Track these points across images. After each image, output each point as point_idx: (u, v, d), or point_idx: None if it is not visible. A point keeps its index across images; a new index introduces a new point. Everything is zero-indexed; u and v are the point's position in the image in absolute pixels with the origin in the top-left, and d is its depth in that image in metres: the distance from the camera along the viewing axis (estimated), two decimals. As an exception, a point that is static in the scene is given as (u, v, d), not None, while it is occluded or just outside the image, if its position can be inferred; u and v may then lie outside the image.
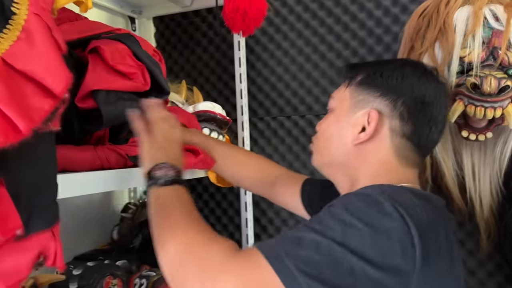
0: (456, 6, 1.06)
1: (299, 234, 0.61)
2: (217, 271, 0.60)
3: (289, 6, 1.40)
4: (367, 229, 0.58)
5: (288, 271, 0.57)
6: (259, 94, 1.46)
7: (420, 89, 0.77)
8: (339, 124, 0.82)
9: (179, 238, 0.65)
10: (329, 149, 0.84)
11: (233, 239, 0.72)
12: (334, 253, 0.57)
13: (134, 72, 0.81)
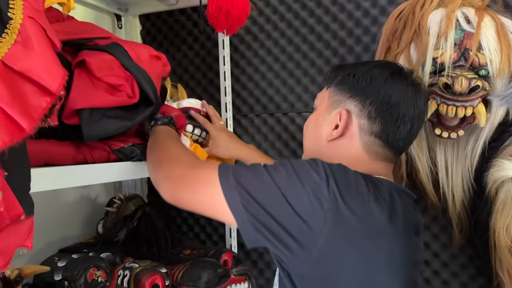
0: (430, 8, 1.11)
1: (256, 168, 0.75)
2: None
3: (273, 6, 1.43)
4: (293, 172, 0.71)
5: (229, 184, 0.72)
6: (243, 92, 1.49)
7: (386, 91, 0.82)
8: (317, 122, 0.89)
9: (167, 163, 0.82)
10: (309, 145, 0.91)
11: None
12: (264, 178, 0.71)
13: (122, 84, 0.82)
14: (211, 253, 1.27)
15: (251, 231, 0.70)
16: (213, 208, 0.74)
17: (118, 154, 0.89)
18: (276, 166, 0.74)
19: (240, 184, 0.71)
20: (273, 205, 0.69)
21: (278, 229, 0.69)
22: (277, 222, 0.69)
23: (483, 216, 1.11)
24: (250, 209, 0.70)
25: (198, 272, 1.16)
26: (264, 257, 1.48)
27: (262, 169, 0.73)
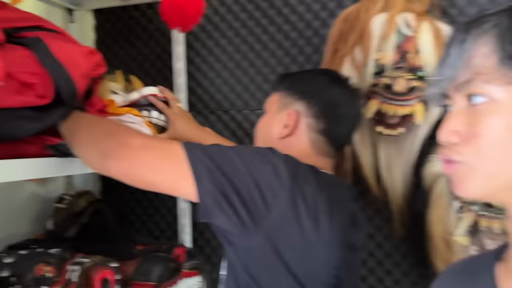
0: (374, 13, 1.18)
1: (218, 145, 0.79)
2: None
3: (227, 6, 1.46)
4: (255, 153, 0.78)
5: (196, 156, 0.74)
6: (198, 89, 1.51)
7: (329, 93, 0.93)
8: (269, 123, 0.98)
9: (121, 132, 0.80)
10: (262, 143, 0.99)
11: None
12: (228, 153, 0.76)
13: (35, 82, 0.77)
14: (163, 248, 1.28)
15: (209, 203, 0.73)
16: (173, 180, 0.75)
17: (53, 150, 0.86)
18: (239, 147, 0.82)
19: (208, 157, 0.74)
20: (237, 177, 0.73)
21: (237, 201, 0.73)
22: (237, 194, 0.73)
23: (421, 208, 1.19)
24: (214, 181, 0.73)
25: (150, 266, 1.18)
26: (217, 252, 1.51)
27: (227, 148, 0.78)
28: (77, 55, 0.84)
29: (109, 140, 0.78)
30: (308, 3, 1.38)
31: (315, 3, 1.37)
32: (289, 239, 0.75)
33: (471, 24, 0.53)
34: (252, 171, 0.74)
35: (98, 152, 0.78)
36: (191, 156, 0.74)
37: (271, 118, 0.97)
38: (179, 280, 1.23)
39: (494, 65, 0.50)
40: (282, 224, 0.74)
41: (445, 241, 1.17)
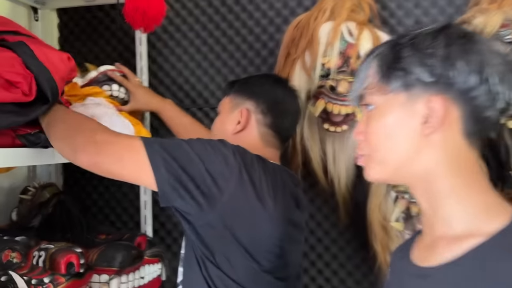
0: (321, 21, 1.30)
1: (174, 139, 0.93)
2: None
3: (188, 9, 1.55)
4: (207, 145, 0.89)
5: (154, 149, 0.84)
6: (160, 87, 1.59)
7: (273, 92, 1.07)
8: (223, 121, 1.10)
9: (88, 129, 0.90)
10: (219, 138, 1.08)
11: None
12: (184, 147, 0.87)
13: (19, 81, 0.84)
14: (125, 237, 1.35)
15: (168, 190, 0.85)
16: (135, 170, 0.86)
17: (23, 140, 0.93)
18: (193, 140, 0.91)
19: (164, 150, 0.86)
20: (191, 167, 0.85)
21: (192, 187, 0.85)
22: (192, 181, 0.85)
23: (362, 198, 1.33)
24: (170, 170, 0.84)
25: (113, 253, 1.25)
26: (177, 242, 1.59)
27: (182, 141, 0.89)
28: (56, 59, 0.93)
29: (79, 135, 0.88)
30: (264, 10, 1.49)
31: (270, 10, 1.49)
32: (238, 216, 0.89)
33: (369, 53, 0.71)
34: (204, 160, 0.86)
35: (69, 147, 0.89)
36: (149, 149, 0.85)
37: (225, 117, 1.10)
38: (141, 267, 1.31)
39: (377, 82, 0.68)
40: (232, 204, 0.87)
41: (383, 227, 1.31)
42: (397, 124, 0.66)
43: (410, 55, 0.64)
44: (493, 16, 1.20)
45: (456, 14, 1.35)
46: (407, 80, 0.65)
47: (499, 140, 1.26)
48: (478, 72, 0.62)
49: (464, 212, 0.64)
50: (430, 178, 0.65)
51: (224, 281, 0.90)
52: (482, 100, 0.63)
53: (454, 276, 0.61)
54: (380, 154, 0.68)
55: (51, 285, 1.05)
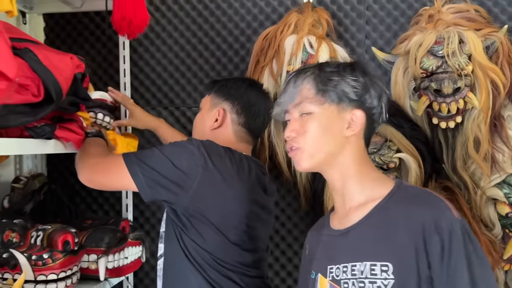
0: (287, 34, 1.51)
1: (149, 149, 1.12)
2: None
3: (168, 18, 1.72)
4: (175, 146, 1.10)
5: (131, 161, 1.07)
6: (140, 88, 1.75)
7: (247, 95, 1.24)
8: (204, 118, 1.28)
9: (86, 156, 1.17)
10: (199, 132, 1.28)
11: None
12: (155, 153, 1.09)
13: (29, 84, 0.98)
14: (110, 222, 1.51)
15: (147, 190, 1.07)
16: (121, 180, 1.09)
17: (30, 132, 1.08)
18: (163, 146, 1.13)
19: (139, 159, 1.08)
20: (162, 167, 1.06)
21: (167, 182, 1.06)
22: (165, 178, 1.06)
23: (320, 187, 1.54)
24: (146, 174, 1.06)
25: (100, 235, 1.40)
26: (155, 228, 1.75)
27: (155, 148, 1.11)
28: (59, 62, 1.06)
29: (80, 161, 1.16)
30: (236, 21, 1.68)
31: (241, 22, 1.68)
32: (207, 198, 1.08)
33: (299, 72, 0.97)
34: (172, 159, 1.06)
35: (77, 168, 1.17)
36: (127, 161, 1.07)
37: (205, 114, 1.27)
38: (125, 248, 1.46)
39: (313, 95, 0.92)
40: (201, 189, 1.06)
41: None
42: (329, 127, 0.91)
43: (340, 79, 0.92)
44: (429, 35, 1.44)
45: (400, 31, 1.58)
46: (340, 96, 0.91)
47: (433, 138, 1.51)
48: (378, 98, 0.94)
49: (363, 187, 0.92)
50: (345, 166, 0.92)
51: (199, 252, 1.10)
52: (376, 117, 0.95)
53: (366, 227, 0.88)
54: (313, 148, 0.91)
55: (50, 260, 1.19)
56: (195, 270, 1.09)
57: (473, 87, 1.41)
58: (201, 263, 1.09)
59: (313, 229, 1.05)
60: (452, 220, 0.82)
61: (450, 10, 1.51)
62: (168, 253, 1.17)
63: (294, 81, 0.96)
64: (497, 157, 1.44)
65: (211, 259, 1.09)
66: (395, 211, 0.86)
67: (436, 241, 0.81)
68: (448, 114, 1.41)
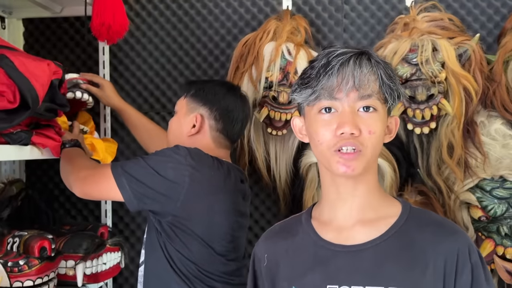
0: (266, 41, 1.53)
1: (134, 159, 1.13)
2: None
3: (148, 24, 1.73)
4: (161, 156, 1.10)
5: (118, 173, 1.05)
6: (121, 93, 1.73)
7: (225, 101, 1.23)
8: (179, 123, 1.26)
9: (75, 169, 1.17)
10: (173, 138, 1.25)
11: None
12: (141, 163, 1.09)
13: (5, 91, 0.99)
14: (89, 228, 1.50)
15: (133, 201, 1.07)
16: (110, 192, 1.09)
17: (6, 138, 1.08)
18: (150, 155, 1.11)
19: (125, 171, 1.08)
20: (148, 179, 1.06)
21: (154, 193, 1.05)
22: (151, 189, 1.05)
23: (299, 191, 1.56)
24: (133, 186, 1.06)
25: (78, 241, 1.40)
26: (135, 233, 1.75)
27: (140, 159, 1.10)
28: (35, 68, 1.06)
29: (71, 175, 1.17)
30: (217, 28, 1.70)
31: (222, 28, 1.69)
32: (194, 211, 1.08)
33: (361, 55, 0.78)
34: (158, 170, 1.06)
35: (68, 183, 1.20)
36: (114, 173, 1.08)
37: (182, 119, 1.25)
38: (103, 254, 1.46)
39: (377, 89, 0.78)
40: (188, 201, 1.06)
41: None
42: (383, 131, 0.80)
43: (397, 81, 0.81)
44: (404, 42, 1.48)
45: (377, 39, 1.62)
46: (396, 97, 0.81)
47: (408, 144, 1.55)
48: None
49: (377, 202, 0.83)
50: (373, 175, 0.83)
51: (184, 262, 1.10)
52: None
53: (386, 249, 0.79)
54: (372, 152, 0.78)
55: (26, 266, 1.19)
56: (180, 280, 1.09)
57: (447, 94, 1.45)
58: (186, 274, 1.09)
59: (273, 237, 0.90)
60: (476, 250, 0.80)
61: (425, 19, 1.56)
62: (150, 261, 1.17)
63: (359, 65, 0.77)
64: (470, 162, 1.47)
65: (196, 270, 1.10)
66: (420, 237, 0.80)
67: (468, 271, 0.77)
68: (423, 120, 1.45)
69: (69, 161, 1.20)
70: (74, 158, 1.20)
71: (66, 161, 1.21)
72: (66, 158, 1.22)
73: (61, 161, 1.24)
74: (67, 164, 1.20)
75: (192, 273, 1.09)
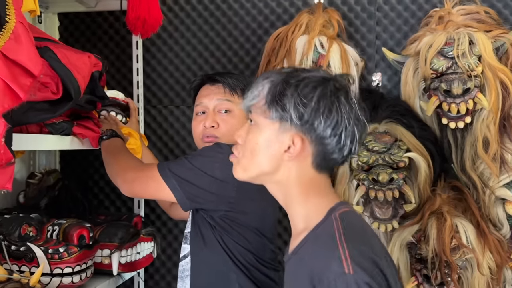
0: (298, 35, 1.53)
1: (179, 159, 1.14)
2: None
3: (180, 19, 1.75)
4: (206, 155, 1.11)
5: (167, 175, 1.07)
6: (153, 86, 1.77)
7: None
8: (239, 124, 1.19)
9: (121, 170, 1.19)
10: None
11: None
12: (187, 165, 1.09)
13: (49, 82, 1.00)
14: (123, 218, 1.53)
15: (187, 202, 1.10)
16: (159, 193, 1.12)
17: (50, 128, 1.11)
18: (193, 156, 1.12)
19: (174, 174, 1.09)
20: (197, 180, 1.08)
21: (205, 193, 1.08)
22: (202, 189, 1.08)
23: (329, 185, 1.56)
24: (184, 187, 1.08)
25: (114, 230, 1.42)
26: (167, 224, 1.78)
27: (185, 160, 1.11)
28: (77, 61, 1.09)
29: (118, 176, 1.19)
30: (248, 22, 1.70)
31: (253, 22, 1.70)
32: (247, 205, 1.10)
33: (268, 74, 0.86)
34: (206, 170, 1.07)
35: (115, 182, 1.21)
36: (164, 176, 1.09)
37: (241, 120, 1.19)
38: (138, 243, 1.49)
39: (262, 105, 0.84)
40: (240, 197, 1.08)
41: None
42: (266, 145, 0.83)
43: (290, 96, 0.80)
44: (439, 36, 1.46)
45: (410, 32, 1.60)
46: (283, 115, 0.81)
47: (442, 138, 1.53)
48: (333, 128, 0.80)
49: (302, 214, 0.84)
50: (284, 187, 0.85)
51: (242, 253, 1.12)
52: (331, 147, 0.82)
53: (293, 262, 0.84)
54: (245, 162, 0.87)
55: (66, 254, 1.22)
56: (238, 270, 1.11)
57: (483, 88, 1.42)
58: (244, 264, 1.11)
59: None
60: (336, 275, 0.72)
61: (460, 12, 1.53)
62: (201, 254, 1.16)
63: (257, 82, 0.86)
64: (506, 157, 1.45)
65: (254, 259, 1.12)
66: (303, 252, 0.81)
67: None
68: (458, 115, 1.43)
69: (112, 158, 1.22)
70: (117, 155, 1.22)
71: (109, 157, 1.23)
72: (108, 154, 1.24)
73: (103, 156, 1.25)
74: (111, 161, 1.22)
75: (250, 262, 1.12)
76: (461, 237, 1.37)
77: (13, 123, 0.87)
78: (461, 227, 1.39)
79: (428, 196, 1.46)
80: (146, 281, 1.78)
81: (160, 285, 1.79)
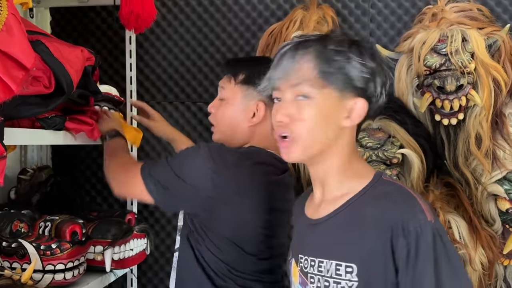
0: (292, 30, 1.53)
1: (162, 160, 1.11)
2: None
3: (174, 14, 1.74)
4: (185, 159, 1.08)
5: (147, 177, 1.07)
6: (146, 82, 1.76)
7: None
8: (234, 111, 1.16)
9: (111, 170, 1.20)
10: (230, 131, 1.19)
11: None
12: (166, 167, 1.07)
13: (41, 76, 1.00)
14: (116, 214, 1.52)
15: (166, 206, 1.16)
16: (142, 196, 1.10)
17: (42, 122, 1.10)
18: (173, 159, 1.08)
19: (152, 176, 1.07)
20: (173, 185, 1.05)
21: (180, 198, 1.07)
22: (176, 194, 1.06)
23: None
24: (160, 191, 1.06)
25: (107, 227, 1.41)
26: (160, 221, 1.77)
27: (165, 161, 1.08)
28: (70, 54, 1.08)
29: (109, 175, 1.20)
30: (242, 18, 1.70)
31: (247, 18, 1.69)
32: (220, 212, 1.05)
33: (298, 45, 0.83)
34: (181, 174, 1.04)
35: (109, 181, 1.20)
36: (143, 178, 1.07)
37: (236, 107, 1.15)
38: (131, 240, 1.48)
39: (314, 77, 0.80)
40: (213, 203, 1.04)
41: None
42: (328, 116, 0.81)
43: (346, 61, 0.80)
44: (433, 32, 1.46)
45: (404, 29, 1.61)
46: (344, 81, 0.80)
47: (435, 135, 1.54)
48: (382, 85, 0.84)
49: (342, 181, 0.85)
50: (333, 158, 0.84)
51: (214, 261, 1.08)
52: (374, 105, 0.85)
53: (335, 223, 0.84)
54: (309, 140, 0.81)
55: (58, 250, 1.21)
56: (209, 278, 1.08)
57: (475, 84, 1.43)
58: (217, 272, 1.08)
59: (298, 202, 1.00)
60: (422, 223, 0.76)
61: (453, 9, 1.54)
62: (182, 252, 1.15)
63: (292, 55, 0.82)
64: (498, 153, 1.46)
65: (226, 270, 1.07)
66: (366, 210, 0.81)
67: (402, 245, 0.76)
68: (451, 111, 1.44)
69: (110, 158, 1.23)
70: (112, 156, 1.23)
71: (107, 157, 1.24)
72: (107, 154, 1.25)
73: (104, 156, 1.27)
74: (107, 161, 1.23)
75: (222, 272, 1.07)
76: (454, 232, 1.38)
77: (4, 117, 0.87)
78: (453, 223, 1.40)
79: (421, 192, 1.47)
80: (139, 278, 1.77)
81: (153, 281, 1.78)
